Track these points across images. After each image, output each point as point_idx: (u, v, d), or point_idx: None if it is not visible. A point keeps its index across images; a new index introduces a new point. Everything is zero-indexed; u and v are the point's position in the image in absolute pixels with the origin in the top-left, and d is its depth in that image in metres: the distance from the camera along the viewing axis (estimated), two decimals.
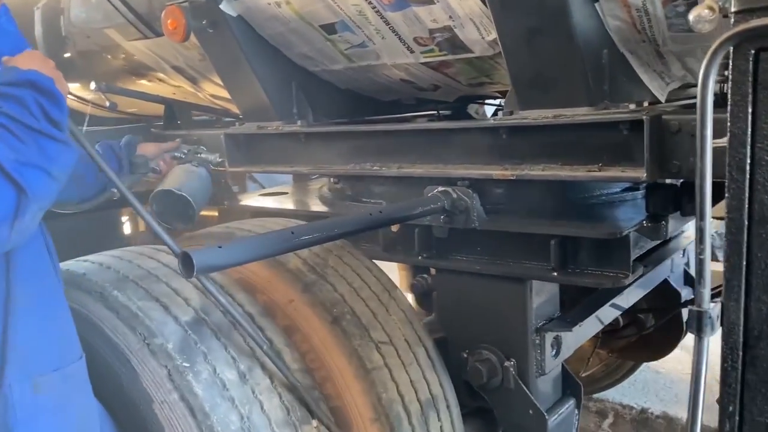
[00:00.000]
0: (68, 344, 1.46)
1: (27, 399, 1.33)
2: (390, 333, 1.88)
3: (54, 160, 1.29)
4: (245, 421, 1.48)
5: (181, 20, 2.13)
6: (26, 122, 1.26)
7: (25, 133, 1.25)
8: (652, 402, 3.61)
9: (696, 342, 1.01)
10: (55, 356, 1.40)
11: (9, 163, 1.20)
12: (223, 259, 1.35)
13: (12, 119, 1.25)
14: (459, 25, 1.88)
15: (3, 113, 1.25)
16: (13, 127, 1.24)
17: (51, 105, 1.31)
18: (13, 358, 1.31)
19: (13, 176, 1.20)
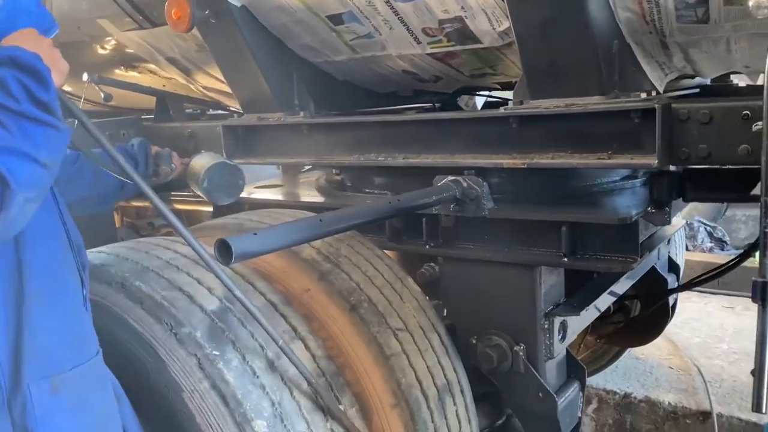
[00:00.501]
0: (85, 340, 1.42)
1: (45, 399, 1.29)
2: (405, 320, 1.90)
3: (41, 145, 1.16)
4: (277, 408, 1.48)
5: (186, 10, 2.11)
6: (7, 105, 1.14)
7: (7, 117, 1.13)
8: (635, 387, 3.71)
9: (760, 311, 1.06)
10: (72, 354, 1.36)
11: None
12: (258, 246, 1.36)
13: None
14: (470, 16, 1.91)
15: None
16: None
17: (36, 85, 1.18)
18: (30, 357, 1.27)
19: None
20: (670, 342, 4.15)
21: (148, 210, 4.50)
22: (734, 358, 3.93)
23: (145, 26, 2.54)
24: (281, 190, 2.78)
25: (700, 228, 6.69)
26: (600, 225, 1.87)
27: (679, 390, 3.62)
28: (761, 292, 1.05)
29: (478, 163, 1.98)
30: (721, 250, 6.59)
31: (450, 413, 1.87)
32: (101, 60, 2.97)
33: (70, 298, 1.40)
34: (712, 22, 1.68)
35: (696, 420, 3.42)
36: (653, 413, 3.60)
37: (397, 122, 2.18)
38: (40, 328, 1.29)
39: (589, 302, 2.14)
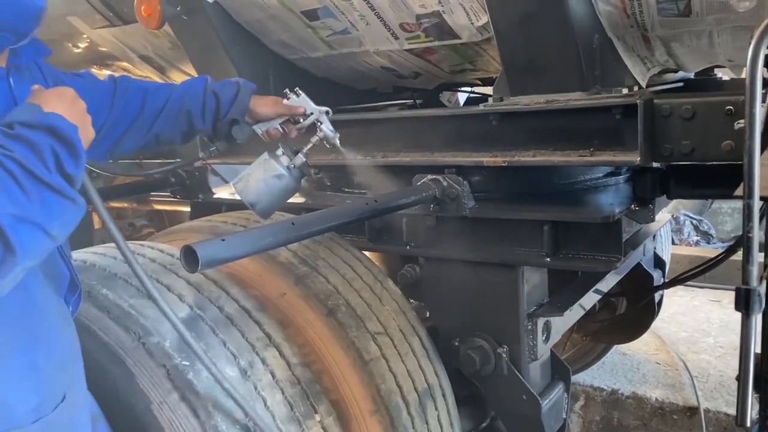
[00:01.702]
0: (51, 389, 1.29)
1: None
2: (385, 323, 1.85)
3: (56, 218, 1.13)
4: (249, 420, 1.43)
5: (156, 6, 2.05)
6: (36, 173, 1.10)
7: (32, 184, 1.10)
8: (622, 383, 3.69)
9: (743, 320, 1.02)
10: (35, 405, 1.25)
11: (4, 216, 1.05)
12: (226, 252, 1.30)
13: (21, 167, 1.09)
14: (448, 11, 1.86)
15: (13, 158, 1.09)
16: (20, 175, 1.08)
17: (68, 157, 1.15)
18: None
19: (5, 232, 1.05)
20: (656, 337, 4.13)
21: (128, 210, 4.43)
22: (721, 352, 3.92)
23: (117, 23, 2.47)
24: None
25: (686, 221, 6.70)
26: (583, 224, 1.83)
27: (666, 385, 3.60)
28: (745, 300, 1.01)
29: (458, 161, 1.93)
30: (707, 243, 6.60)
31: (431, 418, 1.83)
32: (73, 58, 2.90)
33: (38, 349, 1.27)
34: (693, 15, 1.64)
35: (683, 415, 3.41)
36: (640, 409, 3.58)
37: (375, 120, 2.13)
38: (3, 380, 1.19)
39: (574, 302, 2.11)
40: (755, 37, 1.05)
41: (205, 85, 1.84)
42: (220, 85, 1.85)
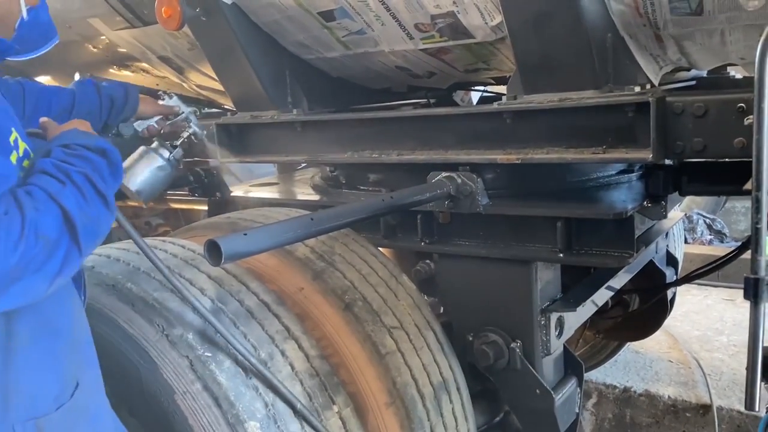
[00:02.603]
0: (68, 376, 1.37)
1: None
2: (400, 318, 1.89)
3: (103, 224, 1.28)
4: (270, 409, 1.47)
5: (176, 8, 2.09)
6: (98, 186, 1.26)
7: (92, 195, 1.24)
8: (634, 381, 3.70)
9: (752, 308, 1.05)
10: (56, 393, 1.33)
11: (79, 219, 1.18)
12: (248, 246, 1.34)
13: (88, 180, 1.24)
14: (462, 11, 1.89)
15: (81, 172, 1.24)
16: (86, 188, 1.23)
17: (115, 177, 1.33)
18: (17, 399, 1.25)
19: (78, 234, 1.18)
20: (669, 335, 4.14)
21: (145, 209, 4.49)
22: (734, 350, 3.92)
23: (137, 25, 2.52)
24: (276, 189, 2.76)
25: (699, 220, 6.68)
26: (596, 220, 1.86)
27: (679, 383, 3.61)
28: (753, 289, 1.04)
29: (472, 158, 1.96)
30: (720, 242, 6.57)
31: (446, 411, 1.86)
32: (94, 59, 2.95)
33: (60, 339, 1.35)
34: (705, 14, 1.66)
35: (696, 413, 3.42)
36: (653, 407, 3.59)
37: (390, 119, 2.16)
38: (26, 370, 1.27)
39: (586, 298, 2.13)
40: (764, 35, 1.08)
41: (97, 86, 2.01)
42: (110, 87, 2.04)
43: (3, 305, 1.15)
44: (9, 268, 1.09)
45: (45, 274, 1.15)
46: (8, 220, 1.10)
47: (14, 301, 1.15)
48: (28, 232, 1.11)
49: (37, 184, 1.19)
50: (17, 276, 1.11)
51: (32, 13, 1.42)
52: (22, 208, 1.12)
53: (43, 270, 1.14)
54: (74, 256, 1.19)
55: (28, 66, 3.10)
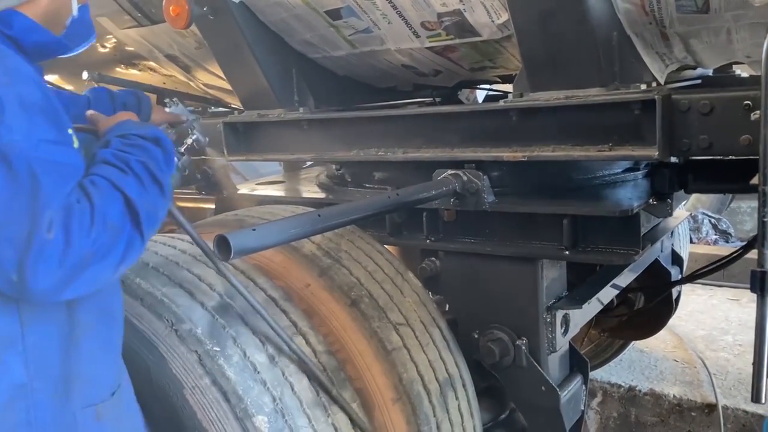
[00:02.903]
0: (121, 363, 1.43)
1: (91, 427, 1.31)
2: (406, 315, 1.90)
3: (160, 211, 1.31)
4: (278, 403, 1.48)
5: (184, 6, 2.11)
6: (156, 175, 1.29)
7: (151, 183, 1.28)
8: (639, 380, 3.70)
9: (759, 301, 1.05)
10: (113, 381, 1.38)
11: (142, 210, 1.22)
12: (257, 242, 1.35)
13: (146, 168, 1.28)
14: (469, 9, 1.90)
15: (140, 161, 1.28)
16: (144, 176, 1.27)
17: (169, 165, 1.37)
18: (78, 386, 1.29)
19: (141, 223, 1.22)
20: (674, 335, 4.14)
21: None
22: (739, 350, 3.91)
23: (144, 24, 2.54)
24: (282, 186, 2.78)
25: (704, 220, 6.67)
26: (601, 217, 1.87)
27: (684, 383, 3.61)
28: (760, 282, 1.04)
29: (478, 156, 1.97)
30: (725, 242, 6.56)
31: (452, 407, 1.87)
32: (101, 58, 2.97)
33: (116, 327, 1.41)
34: (712, 12, 1.67)
35: (701, 412, 3.42)
36: (658, 406, 3.59)
37: (396, 117, 2.17)
38: (87, 358, 1.31)
39: (592, 295, 2.14)
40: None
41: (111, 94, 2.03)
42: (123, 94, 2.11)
43: (73, 292, 1.17)
44: (83, 256, 1.13)
45: (111, 261, 1.18)
46: (80, 209, 1.14)
47: (83, 288, 1.18)
48: (98, 219, 1.15)
49: (99, 174, 1.23)
50: (87, 263, 1.14)
51: (81, 10, 1.44)
52: (90, 197, 1.16)
53: (109, 257, 1.17)
54: (137, 244, 1.22)
55: None
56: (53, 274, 1.11)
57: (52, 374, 1.25)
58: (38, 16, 1.33)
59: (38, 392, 1.23)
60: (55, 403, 1.26)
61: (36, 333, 1.22)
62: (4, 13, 1.29)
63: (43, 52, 1.36)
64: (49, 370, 1.25)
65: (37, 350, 1.22)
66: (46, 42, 1.35)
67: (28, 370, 1.21)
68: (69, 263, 1.12)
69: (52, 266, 1.10)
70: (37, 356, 1.22)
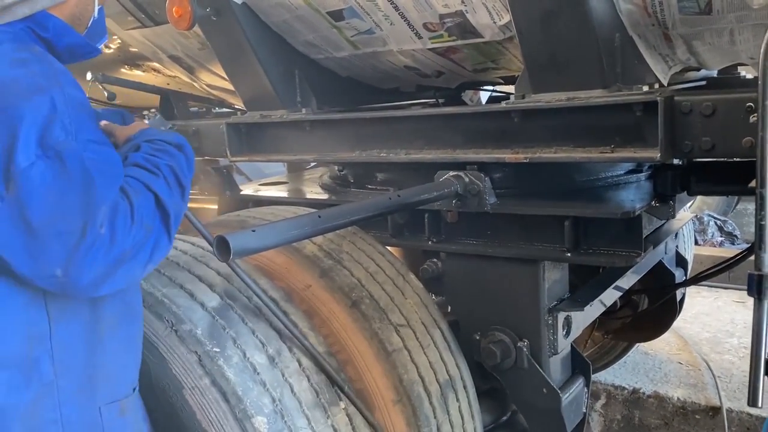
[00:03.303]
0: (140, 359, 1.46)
1: (115, 421, 1.33)
2: (407, 316, 1.89)
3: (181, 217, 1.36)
4: (277, 404, 1.48)
5: (187, 7, 2.11)
6: (180, 178, 1.35)
7: (176, 186, 1.34)
8: (643, 382, 3.69)
9: (756, 305, 1.05)
10: (134, 376, 1.42)
11: (172, 211, 1.28)
12: (257, 242, 1.35)
13: (173, 172, 1.34)
14: (471, 10, 1.90)
15: (168, 165, 1.33)
16: (171, 179, 1.32)
17: (191, 169, 1.42)
18: (102, 382, 1.32)
19: (170, 224, 1.28)
20: (679, 337, 4.12)
21: None
22: (745, 353, 3.89)
23: (148, 25, 2.55)
24: (285, 187, 2.78)
25: (710, 222, 6.64)
26: (603, 219, 1.86)
27: (689, 385, 3.59)
28: (757, 286, 1.04)
29: (480, 158, 1.96)
30: (731, 244, 6.53)
31: (453, 409, 1.87)
32: (105, 59, 2.98)
33: (137, 323, 1.43)
34: (714, 13, 1.66)
35: (705, 415, 3.40)
36: (662, 408, 3.57)
37: (398, 118, 2.17)
38: (111, 354, 1.33)
39: (594, 297, 2.13)
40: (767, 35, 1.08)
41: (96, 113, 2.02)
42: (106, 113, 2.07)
43: (108, 288, 1.21)
44: (123, 252, 1.17)
45: (142, 258, 1.22)
46: (124, 208, 1.19)
47: (117, 284, 1.22)
48: (137, 218, 1.20)
49: (134, 176, 1.28)
50: (124, 260, 1.18)
51: (100, 11, 1.46)
52: (130, 197, 1.21)
53: (140, 255, 1.22)
54: (165, 243, 1.27)
55: None
56: (97, 269, 1.15)
57: (77, 371, 1.27)
58: (66, 18, 1.36)
59: (64, 390, 1.25)
60: (81, 400, 1.28)
61: (63, 330, 1.24)
62: (39, 15, 1.30)
63: (74, 53, 1.38)
64: (75, 367, 1.27)
65: (64, 347, 1.25)
66: (78, 44, 1.37)
67: (54, 367, 1.23)
68: (111, 259, 1.16)
69: (97, 261, 1.15)
70: (63, 353, 1.25)
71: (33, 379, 1.21)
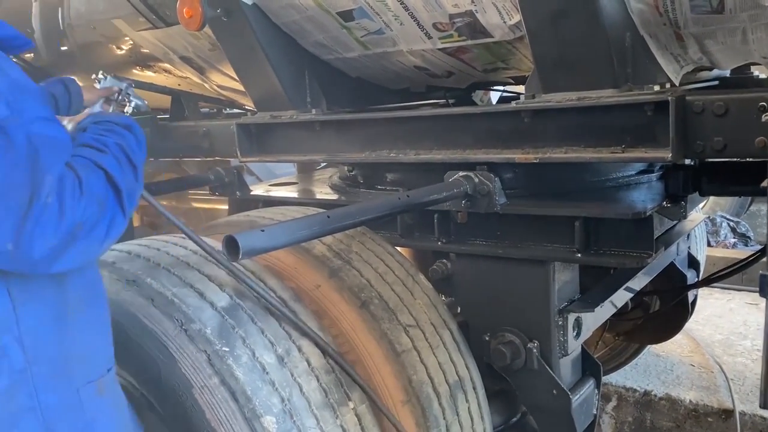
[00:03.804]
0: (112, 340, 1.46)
1: (94, 401, 1.34)
2: (416, 316, 1.89)
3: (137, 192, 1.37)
4: (286, 404, 1.48)
5: (198, 8, 2.12)
6: (131, 157, 1.36)
7: (127, 164, 1.35)
8: (655, 384, 3.66)
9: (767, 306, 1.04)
10: (107, 356, 1.42)
11: (123, 187, 1.28)
12: (266, 242, 1.36)
13: (122, 150, 1.35)
14: (481, 10, 1.89)
15: (117, 143, 1.35)
16: (121, 157, 1.34)
17: (141, 150, 1.43)
18: (77, 364, 1.32)
19: (123, 200, 1.28)
20: (691, 339, 4.09)
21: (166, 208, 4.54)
22: (758, 355, 3.86)
23: (159, 26, 2.56)
24: (295, 188, 2.78)
25: (722, 223, 6.58)
26: (614, 220, 1.85)
27: (701, 387, 3.56)
28: None
29: (489, 158, 1.96)
30: (744, 245, 6.47)
31: (462, 410, 1.86)
32: (117, 60, 3.00)
33: (103, 304, 1.44)
34: (727, 12, 1.65)
35: (718, 418, 3.37)
36: (674, 411, 3.55)
37: (408, 118, 2.17)
38: (81, 336, 1.34)
39: (605, 298, 2.12)
40: None
41: None
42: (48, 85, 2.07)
43: (64, 264, 1.21)
44: (74, 225, 1.18)
45: (97, 234, 1.23)
46: (72, 181, 1.19)
47: (73, 261, 1.23)
48: (86, 191, 1.21)
49: (82, 155, 1.29)
50: (77, 235, 1.19)
51: None
52: (77, 172, 1.22)
53: (95, 230, 1.22)
54: (119, 219, 1.28)
55: (52, 66, 3.17)
56: (48, 241, 1.16)
57: (49, 356, 1.27)
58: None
59: (39, 376, 1.25)
60: (57, 385, 1.28)
61: (29, 316, 1.24)
62: None
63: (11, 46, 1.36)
64: (47, 352, 1.27)
65: (32, 333, 1.25)
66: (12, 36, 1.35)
67: (26, 354, 1.23)
68: (62, 231, 1.17)
69: (47, 233, 1.15)
70: (33, 339, 1.25)
71: (3, 367, 1.21)
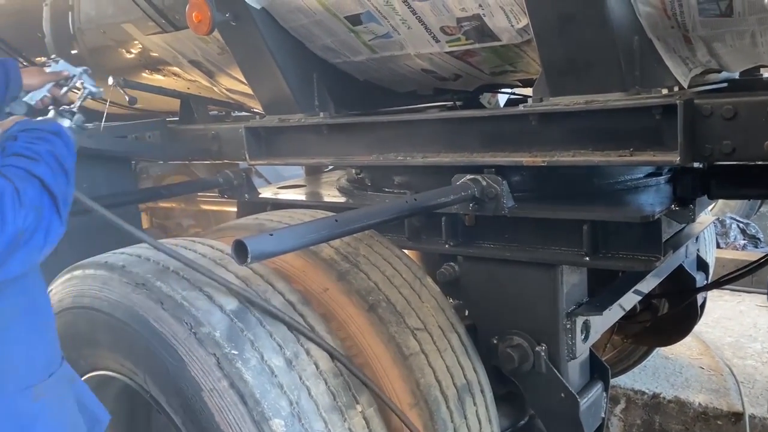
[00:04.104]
0: (56, 348, 1.50)
1: (29, 408, 1.37)
2: (424, 320, 1.89)
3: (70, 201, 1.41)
4: (295, 407, 1.49)
5: (206, 13, 2.14)
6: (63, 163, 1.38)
7: (59, 170, 1.36)
8: (663, 387, 3.65)
9: None
10: (45, 363, 1.44)
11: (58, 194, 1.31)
12: (274, 246, 1.37)
13: (54, 157, 1.37)
14: (488, 14, 1.90)
15: (48, 150, 1.36)
16: (53, 163, 1.35)
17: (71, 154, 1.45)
18: (11, 371, 1.35)
19: (59, 206, 1.31)
20: (700, 342, 4.07)
21: (176, 210, 4.57)
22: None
23: (168, 30, 2.58)
24: (303, 191, 2.79)
25: (732, 225, 6.54)
26: (622, 223, 1.85)
27: (710, 390, 3.55)
28: None
29: (497, 161, 1.96)
30: (754, 247, 6.43)
31: (470, 413, 1.86)
32: (127, 64, 3.02)
33: (42, 314, 1.47)
34: (735, 15, 1.64)
35: (728, 421, 3.35)
36: (683, 414, 3.53)
37: (416, 121, 2.17)
38: (16, 345, 1.36)
39: (613, 301, 2.11)
40: None
41: None
42: None
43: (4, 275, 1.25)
44: (15, 235, 1.20)
45: (36, 242, 1.26)
46: (9, 191, 1.22)
47: (16, 268, 1.26)
48: (25, 201, 1.23)
49: (14, 164, 1.31)
50: (17, 244, 1.22)
51: None
52: (13, 182, 1.24)
53: (34, 238, 1.25)
54: (57, 226, 1.31)
55: None
56: None
57: None
58: None
59: None
60: None
61: None
62: None
63: None
64: None
65: None
66: None
67: None
68: (4, 242, 1.19)
69: None
70: None
71: None
